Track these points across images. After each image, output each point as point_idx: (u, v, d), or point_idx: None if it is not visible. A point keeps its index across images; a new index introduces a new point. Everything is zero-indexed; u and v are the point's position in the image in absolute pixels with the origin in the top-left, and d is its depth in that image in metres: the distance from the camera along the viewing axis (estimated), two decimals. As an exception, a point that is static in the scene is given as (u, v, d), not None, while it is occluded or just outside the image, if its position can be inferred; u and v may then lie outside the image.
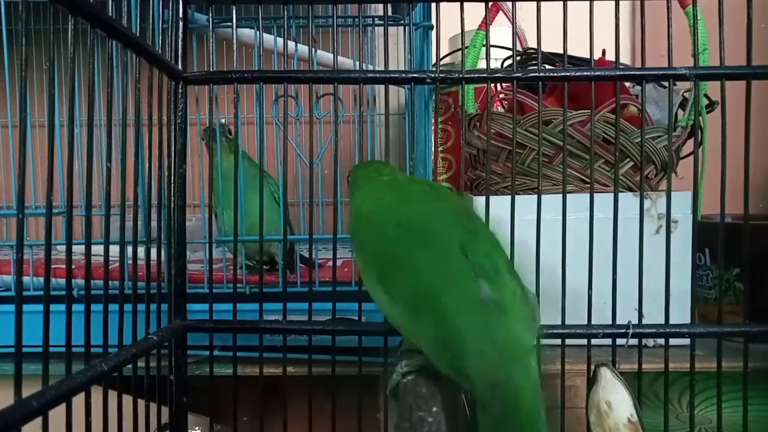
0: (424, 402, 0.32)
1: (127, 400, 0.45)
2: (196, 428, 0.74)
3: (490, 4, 0.58)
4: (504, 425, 0.30)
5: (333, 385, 0.56)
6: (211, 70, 0.57)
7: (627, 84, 0.73)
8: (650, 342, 0.64)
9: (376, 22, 0.82)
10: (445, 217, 0.38)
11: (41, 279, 0.51)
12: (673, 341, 0.54)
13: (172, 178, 0.54)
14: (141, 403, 0.47)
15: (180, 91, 0.55)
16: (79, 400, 0.37)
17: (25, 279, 0.68)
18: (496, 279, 0.34)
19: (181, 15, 0.55)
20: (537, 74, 0.55)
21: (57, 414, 0.35)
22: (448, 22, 0.57)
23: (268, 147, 0.59)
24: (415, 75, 0.56)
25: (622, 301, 0.53)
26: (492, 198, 0.55)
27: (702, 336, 0.54)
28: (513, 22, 0.56)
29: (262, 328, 0.55)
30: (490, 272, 0.34)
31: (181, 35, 0.55)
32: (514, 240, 0.54)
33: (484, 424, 0.30)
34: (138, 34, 0.45)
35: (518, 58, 0.73)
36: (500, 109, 0.81)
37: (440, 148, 0.92)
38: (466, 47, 0.64)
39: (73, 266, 0.40)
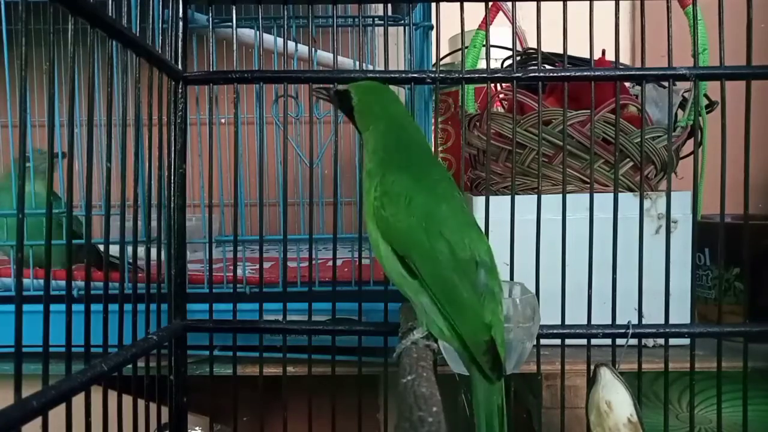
0: (424, 402, 0.32)
1: (127, 400, 0.45)
2: (196, 428, 0.74)
3: (490, 4, 0.58)
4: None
5: (333, 385, 0.56)
6: (211, 70, 0.57)
7: (627, 84, 0.73)
8: (650, 342, 0.64)
9: (376, 22, 0.82)
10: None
11: (41, 279, 0.51)
12: (673, 341, 0.54)
13: (172, 178, 0.54)
14: (141, 403, 0.47)
15: (180, 91, 0.55)
16: (79, 400, 0.37)
17: (25, 279, 0.68)
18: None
19: (181, 15, 0.55)
20: (537, 74, 0.55)
21: (57, 414, 0.35)
22: (448, 22, 0.57)
23: (268, 147, 0.59)
24: (415, 75, 0.56)
25: (622, 301, 0.53)
26: (492, 198, 0.55)
27: (702, 336, 0.54)
28: (513, 22, 0.56)
29: (262, 328, 0.55)
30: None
31: (181, 35, 0.55)
32: (514, 240, 0.54)
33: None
34: (138, 34, 0.45)
35: (518, 58, 0.73)
36: (500, 109, 0.81)
37: (440, 148, 0.92)
38: (466, 47, 0.64)
39: (72, 266, 0.40)
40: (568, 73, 0.54)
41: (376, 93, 0.50)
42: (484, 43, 0.63)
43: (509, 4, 0.60)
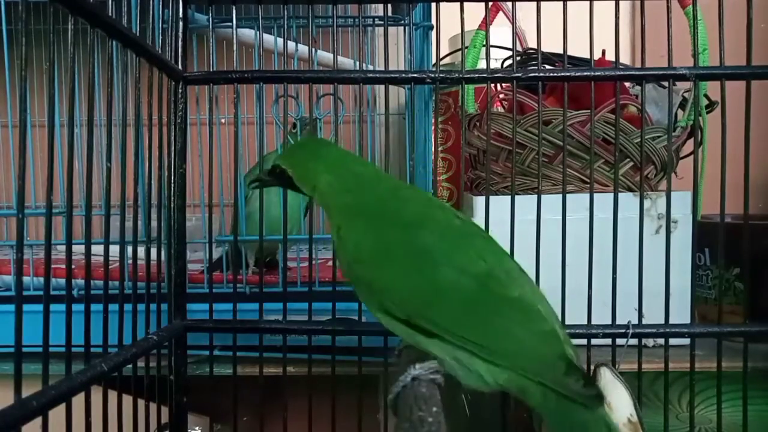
0: (424, 402, 0.32)
1: (127, 400, 0.45)
2: (196, 428, 0.74)
3: (490, 4, 0.58)
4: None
5: (333, 385, 0.56)
6: (211, 70, 0.57)
7: (627, 84, 0.73)
8: (650, 342, 0.64)
9: (376, 22, 0.82)
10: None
11: (41, 279, 0.51)
12: (673, 341, 0.54)
13: (172, 178, 0.54)
14: (141, 403, 0.47)
15: (180, 91, 0.55)
16: (79, 400, 0.37)
17: (25, 279, 0.68)
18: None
19: (181, 15, 0.55)
20: (537, 74, 0.55)
21: (57, 414, 0.35)
22: (448, 22, 0.57)
23: (268, 147, 0.59)
24: (415, 75, 0.56)
25: (622, 301, 0.53)
26: (492, 198, 0.55)
27: (702, 336, 0.54)
28: (513, 22, 0.56)
29: (262, 328, 0.55)
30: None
31: (181, 35, 0.55)
32: (514, 240, 0.54)
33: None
34: (138, 34, 0.45)
35: (518, 58, 0.73)
36: (500, 109, 0.81)
37: (440, 148, 0.92)
38: (466, 47, 0.64)
39: (73, 266, 0.40)
40: (568, 73, 0.54)
41: (304, 149, 0.46)
42: (484, 43, 0.63)
43: (509, 4, 0.60)
